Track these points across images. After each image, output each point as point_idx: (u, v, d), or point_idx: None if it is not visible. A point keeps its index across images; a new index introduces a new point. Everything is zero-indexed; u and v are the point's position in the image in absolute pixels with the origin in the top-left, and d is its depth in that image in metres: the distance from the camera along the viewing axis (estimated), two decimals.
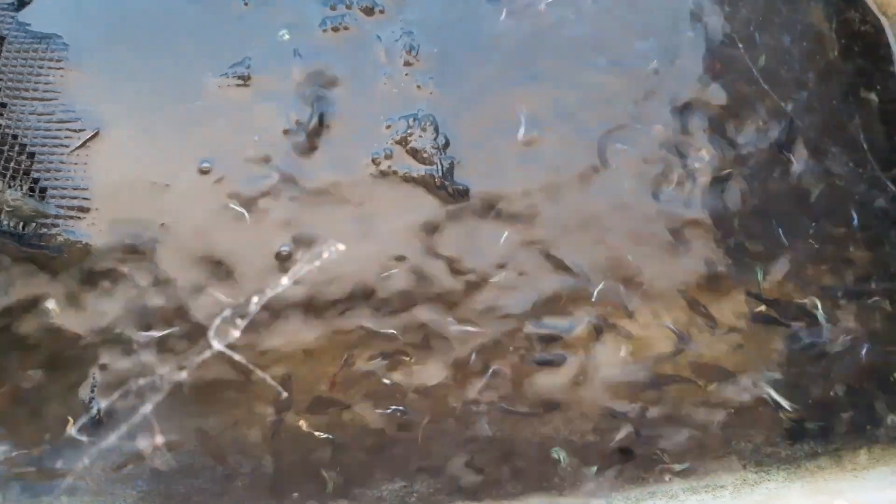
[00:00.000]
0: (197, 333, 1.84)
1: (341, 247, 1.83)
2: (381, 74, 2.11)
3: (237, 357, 1.70)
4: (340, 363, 1.82)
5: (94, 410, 1.83)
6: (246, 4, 2.20)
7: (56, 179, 2.02)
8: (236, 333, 1.71)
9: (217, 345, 1.68)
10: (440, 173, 1.99)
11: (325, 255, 1.82)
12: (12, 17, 2.21)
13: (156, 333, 1.83)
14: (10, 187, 1.96)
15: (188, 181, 2.00)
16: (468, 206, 1.99)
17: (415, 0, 2.20)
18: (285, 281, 1.81)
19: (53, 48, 2.17)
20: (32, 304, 1.90)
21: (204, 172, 2.01)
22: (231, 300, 1.82)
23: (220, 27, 2.16)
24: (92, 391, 1.84)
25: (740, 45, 2.16)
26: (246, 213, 1.96)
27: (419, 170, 2.01)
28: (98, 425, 1.82)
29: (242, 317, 1.73)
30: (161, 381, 1.69)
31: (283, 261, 1.92)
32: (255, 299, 1.76)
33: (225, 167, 2.01)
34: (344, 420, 1.81)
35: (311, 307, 1.87)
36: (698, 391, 1.87)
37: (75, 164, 2.03)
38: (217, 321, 1.76)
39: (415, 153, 2.01)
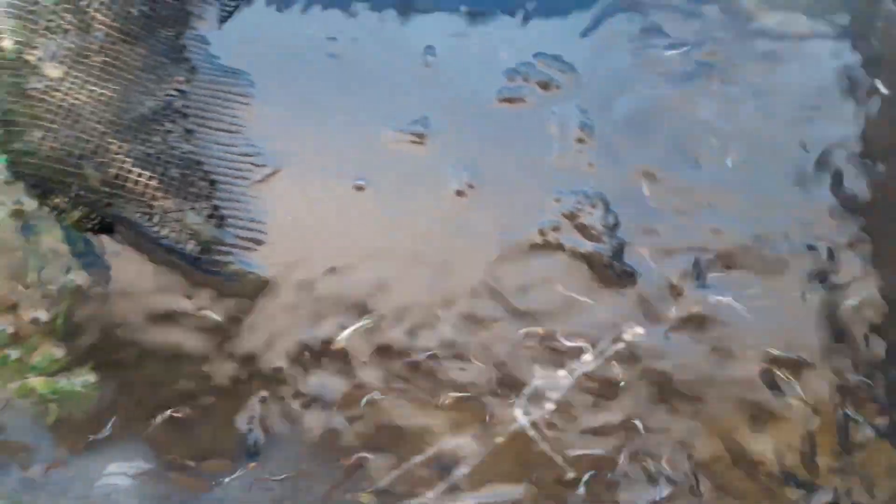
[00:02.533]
0: None
1: (640, 330, 1.92)
2: (553, 148, 2.23)
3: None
4: None
5: (252, 441, 1.91)
6: (427, 66, 2.35)
7: (235, 209, 2.15)
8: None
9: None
10: (608, 253, 2.08)
11: (628, 335, 1.92)
12: (204, 49, 2.39)
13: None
14: (191, 210, 2.10)
15: (362, 231, 2.12)
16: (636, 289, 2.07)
17: (591, 80, 2.33)
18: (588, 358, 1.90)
19: (241, 84, 2.34)
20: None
21: (377, 223, 2.13)
22: None
23: (401, 84, 2.31)
24: (251, 422, 1.93)
25: None
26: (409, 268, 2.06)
27: (586, 246, 2.10)
28: (252, 457, 1.89)
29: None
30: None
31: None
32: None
33: (397, 223, 2.13)
34: None
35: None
36: None
37: (254, 197, 2.16)
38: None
39: (583, 229, 2.11)
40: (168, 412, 1.96)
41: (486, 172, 2.20)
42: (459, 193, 2.17)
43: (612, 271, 2.06)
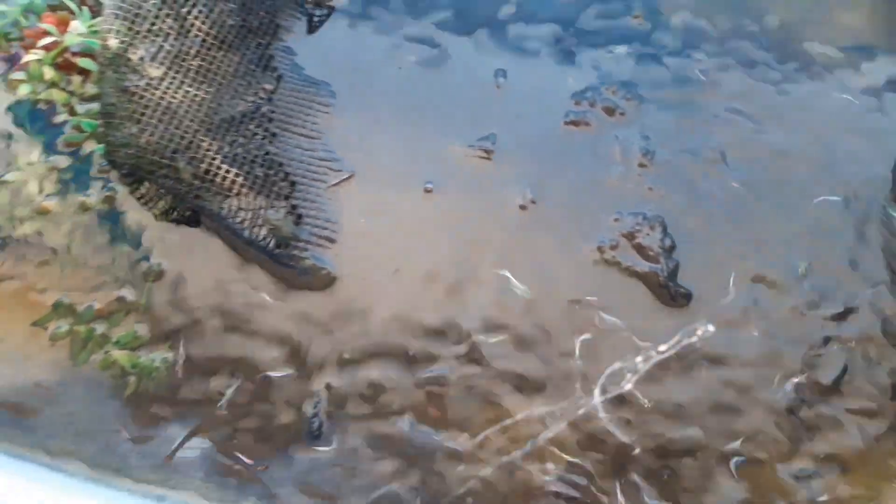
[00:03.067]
0: None
1: (711, 328, 2.05)
2: (615, 171, 2.36)
3: None
4: None
5: (315, 425, 2.05)
6: (498, 87, 2.50)
7: (311, 209, 2.32)
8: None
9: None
10: (664, 273, 2.18)
11: (700, 332, 2.06)
12: (291, 59, 2.59)
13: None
14: (272, 208, 2.27)
15: (427, 238, 2.26)
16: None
17: (654, 109, 2.45)
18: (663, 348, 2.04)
19: (322, 94, 2.52)
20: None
21: (440, 232, 2.28)
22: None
23: (473, 102, 2.47)
24: (315, 407, 2.07)
25: None
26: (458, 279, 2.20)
27: (643, 265, 2.21)
28: (315, 439, 2.03)
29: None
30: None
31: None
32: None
33: (459, 231, 2.27)
34: None
35: None
36: None
37: (329, 199, 2.33)
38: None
39: (640, 249, 2.22)
40: (238, 392, 2.10)
41: (548, 190, 2.33)
42: (522, 208, 2.30)
43: (668, 291, 2.16)
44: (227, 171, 2.28)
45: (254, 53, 2.53)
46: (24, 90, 2.60)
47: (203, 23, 2.46)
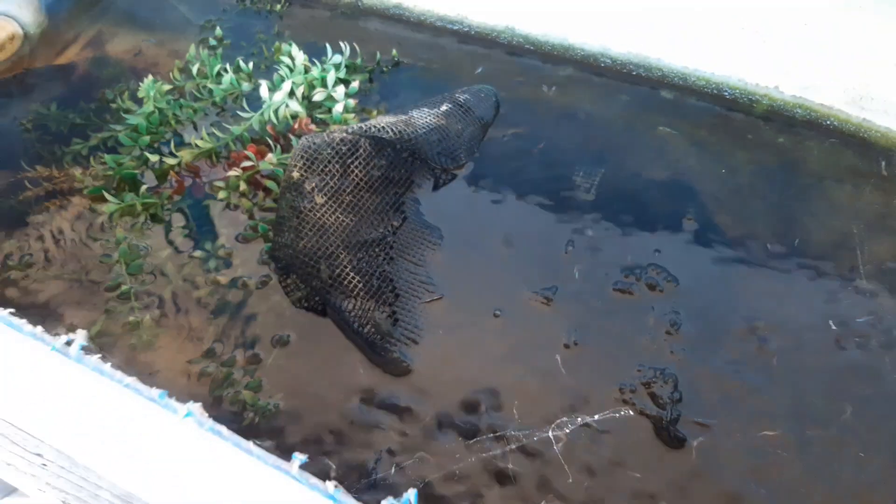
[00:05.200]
0: None
1: (631, 412, 2.69)
2: (645, 333, 3.05)
3: None
4: None
5: (372, 477, 2.75)
6: (566, 252, 3.32)
7: (406, 316, 3.15)
8: None
9: None
10: (668, 418, 2.80)
11: (622, 412, 2.70)
12: (415, 206, 3.54)
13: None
14: (378, 310, 3.12)
15: (487, 353, 3.01)
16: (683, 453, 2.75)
17: (689, 292, 3.16)
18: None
19: (433, 235, 3.42)
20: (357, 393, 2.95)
21: (498, 351, 3.02)
22: None
23: (544, 261, 3.28)
24: (375, 464, 2.78)
25: None
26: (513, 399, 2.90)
27: (652, 409, 2.83)
28: (371, 488, 2.72)
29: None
30: None
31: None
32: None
33: (513, 354, 3.00)
34: None
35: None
36: None
37: (421, 311, 3.15)
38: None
39: (653, 396, 2.85)
40: (321, 436, 2.86)
41: (590, 337, 3.04)
42: (566, 346, 3.02)
43: (667, 433, 2.76)
44: (353, 279, 3.17)
45: (391, 198, 3.50)
46: (221, 195, 3.68)
47: (360, 171, 3.48)
